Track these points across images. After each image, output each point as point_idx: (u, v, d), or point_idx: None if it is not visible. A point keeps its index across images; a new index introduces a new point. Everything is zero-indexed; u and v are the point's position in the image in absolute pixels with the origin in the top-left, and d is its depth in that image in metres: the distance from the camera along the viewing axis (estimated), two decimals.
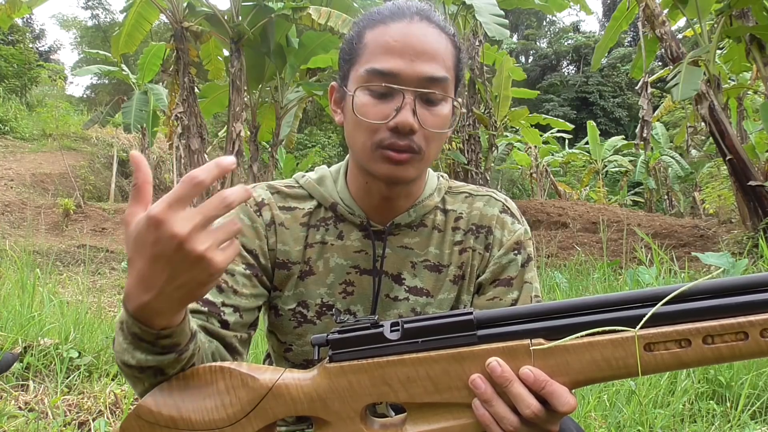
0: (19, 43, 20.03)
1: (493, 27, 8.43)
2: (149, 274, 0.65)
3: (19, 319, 2.68)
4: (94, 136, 17.38)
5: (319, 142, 21.62)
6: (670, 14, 8.14)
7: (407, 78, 0.88)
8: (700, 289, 0.67)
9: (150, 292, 0.66)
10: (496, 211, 1.04)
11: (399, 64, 0.88)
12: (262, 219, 0.99)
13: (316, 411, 0.72)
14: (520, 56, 38.96)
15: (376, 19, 0.93)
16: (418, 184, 1.01)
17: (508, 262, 1.01)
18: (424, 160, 0.92)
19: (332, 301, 1.00)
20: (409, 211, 1.00)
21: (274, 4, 9.32)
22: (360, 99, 0.90)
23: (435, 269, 1.02)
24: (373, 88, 0.89)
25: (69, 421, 1.97)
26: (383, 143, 0.89)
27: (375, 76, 0.88)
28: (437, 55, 0.90)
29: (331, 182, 1.03)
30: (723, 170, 10.53)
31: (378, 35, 0.91)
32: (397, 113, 0.87)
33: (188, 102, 9.77)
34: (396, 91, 0.88)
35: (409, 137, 0.88)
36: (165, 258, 0.64)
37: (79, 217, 12.69)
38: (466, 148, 11.11)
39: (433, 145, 0.92)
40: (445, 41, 0.92)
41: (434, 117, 0.90)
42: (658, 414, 2.14)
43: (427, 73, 0.88)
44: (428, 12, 0.93)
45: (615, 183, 22.06)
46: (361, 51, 0.92)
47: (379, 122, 0.88)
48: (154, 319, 0.69)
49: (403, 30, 0.90)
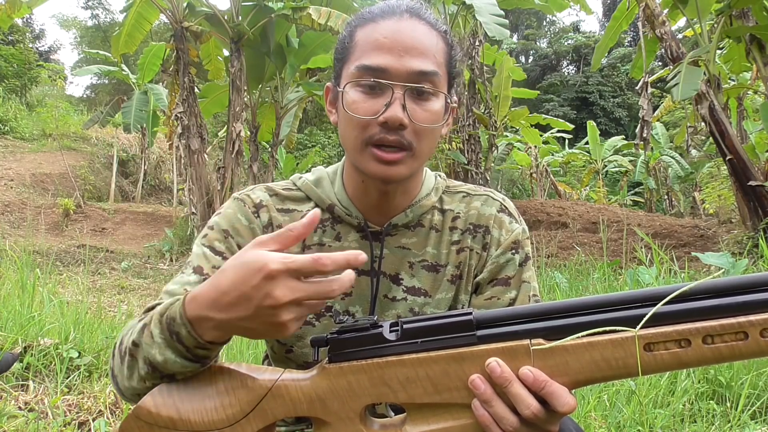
0: (19, 43, 20.03)
1: (493, 27, 8.43)
2: (231, 303, 0.68)
3: (19, 319, 2.68)
4: (94, 136, 17.37)
5: (319, 142, 21.62)
6: (670, 14, 8.14)
7: (396, 73, 0.88)
8: (700, 289, 0.66)
9: (220, 314, 0.69)
10: (493, 210, 1.04)
11: (388, 60, 0.88)
12: (260, 221, 1.00)
13: (316, 411, 0.72)
14: (520, 56, 38.96)
15: (367, 17, 0.94)
16: (414, 181, 1.01)
17: (506, 261, 1.01)
18: (416, 158, 0.92)
19: (331, 302, 0.99)
20: (406, 211, 1.01)
21: (274, 4, 9.32)
22: (350, 95, 0.91)
23: (433, 269, 1.02)
24: (363, 83, 0.90)
25: (69, 421, 1.97)
26: (373, 139, 0.89)
27: (364, 72, 0.89)
28: (427, 51, 0.90)
29: (329, 183, 1.03)
30: (723, 170, 10.53)
31: (368, 33, 0.92)
32: (386, 108, 0.88)
33: (188, 102, 9.78)
34: (385, 87, 0.89)
35: (399, 132, 0.89)
36: (253, 304, 0.66)
37: (79, 217, 12.70)
38: (466, 148, 11.11)
39: (425, 142, 0.92)
40: (436, 37, 0.93)
41: (425, 112, 0.90)
42: (658, 414, 2.14)
43: (416, 67, 0.89)
44: (418, 9, 0.94)
45: (615, 183, 22.05)
46: (352, 49, 0.93)
47: (368, 117, 0.89)
48: (207, 331, 0.71)
49: (393, 27, 0.91)
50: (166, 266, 8.48)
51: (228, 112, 10.28)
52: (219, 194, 9.99)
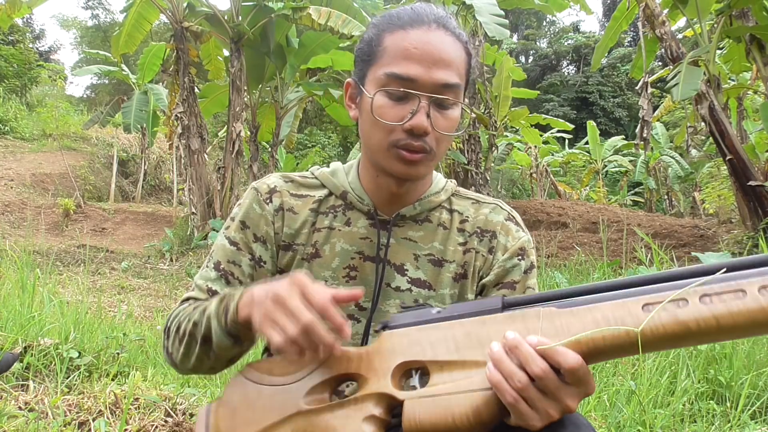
0: (19, 43, 20.02)
1: (493, 27, 8.43)
2: (264, 287, 0.85)
3: (19, 319, 2.68)
4: (94, 136, 17.37)
5: (319, 142, 21.61)
6: (670, 14, 8.14)
7: (424, 84, 0.93)
8: (704, 270, 0.69)
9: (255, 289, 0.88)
10: (501, 218, 1.09)
11: (417, 71, 0.93)
12: (272, 205, 1.07)
13: (361, 368, 0.83)
14: (520, 56, 38.95)
15: (396, 23, 0.97)
16: (425, 181, 1.07)
17: (512, 266, 1.05)
18: (433, 159, 0.99)
19: (336, 284, 1.04)
20: (414, 204, 1.06)
21: (274, 4, 9.32)
22: (378, 101, 0.95)
23: (438, 263, 1.05)
24: (392, 92, 0.94)
25: (69, 421, 1.97)
26: (399, 143, 0.95)
27: (394, 80, 0.94)
28: (452, 63, 0.95)
29: (344, 174, 1.09)
30: (723, 170, 10.53)
31: (398, 40, 0.96)
32: (412, 116, 0.94)
33: (188, 102, 9.78)
34: (412, 95, 0.94)
35: (423, 139, 0.95)
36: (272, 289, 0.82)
37: (79, 217, 12.70)
38: (466, 148, 11.09)
39: (443, 146, 0.99)
40: (460, 49, 0.98)
41: (446, 120, 0.96)
42: (658, 414, 2.14)
43: (442, 80, 0.94)
44: (445, 19, 0.98)
45: (615, 183, 22.06)
46: (380, 53, 0.97)
47: (395, 123, 0.95)
48: (242, 308, 0.87)
49: (422, 37, 0.95)
50: (166, 266, 8.48)
51: (228, 112, 10.28)
52: (219, 194, 9.98)
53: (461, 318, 0.80)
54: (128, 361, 2.63)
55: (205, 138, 10.23)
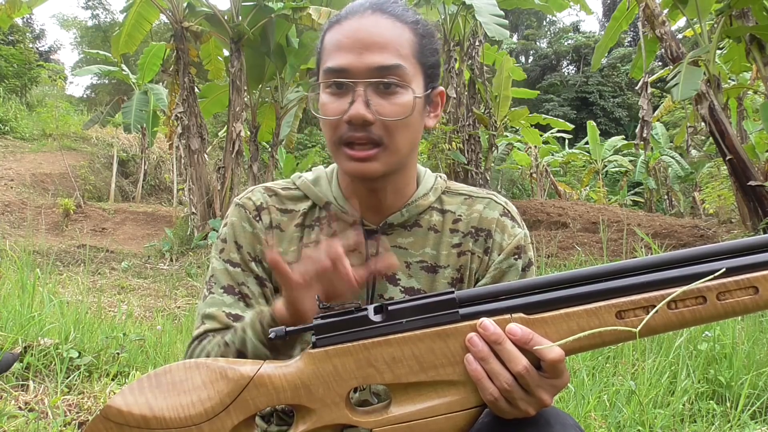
0: (19, 43, 20.00)
1: (493, 27, 8.43)
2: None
3: (19, 319, 2.67)
4: (94, 136, 17.36)
5: (319, 142, 21.59)
6: (670, 14, 8.14)
7: (357, 71, 0.89)
8: (669, 260, 0.73)
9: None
10: (496, 214, 1.03)
11: (348, 59, 0.90)
12: (262, 224, 1.03)
13: (300, 399, 0.71)
14: (520, 56, 38.93)
15: (333, 21, 0.96)
16: (405, 179, 1.01)
17: (509, 267, 1.01)
18: (391, 153, 0.92)
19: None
20: (401, 210, 1.01)
21: (274, 4, 9.31)
22: (321, 99, 0.94)
23: (431, 270, 1.01)
24: (328, 85, 0.92)
25: (69, 421, 1.97)
26: (343, 138, 0.91)
27: (329, 74, 0.92)
28: (388, 44, 0.90)
29: (326, 182, 1.05)
30: (723, 170, 10.53)
31: (332, 35, 0.94)
32: (350, 106, 0.89)
33: (188, 102, 9.77)
34: (349, 86, 0.90)
35: (367, 129, 0.90)
36: None
37: (79, 217, 12.69)
38: (466, 148, 11.10)
39: (399, 136, 0.92)
40: (401, 29, 0.93)
41: (392, 106, 0.90)
42: (658, 414, 2.14)
43: (375, 63, 0.89)
44: (382, 3, 0.94)
45: (615, 183, 22.03)
46: (322, 54, 0.96)
47: (336, 117, 0.91)
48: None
49: (354, 26, 0.92)
50: (166, 266, 8.48)
51: (228, 112, 10.28)
52: (219, 194, 9.98)
53: (414, 330, 0.71)
54: (128, 361, 2.63)
55: (205, 138, 10.23)
